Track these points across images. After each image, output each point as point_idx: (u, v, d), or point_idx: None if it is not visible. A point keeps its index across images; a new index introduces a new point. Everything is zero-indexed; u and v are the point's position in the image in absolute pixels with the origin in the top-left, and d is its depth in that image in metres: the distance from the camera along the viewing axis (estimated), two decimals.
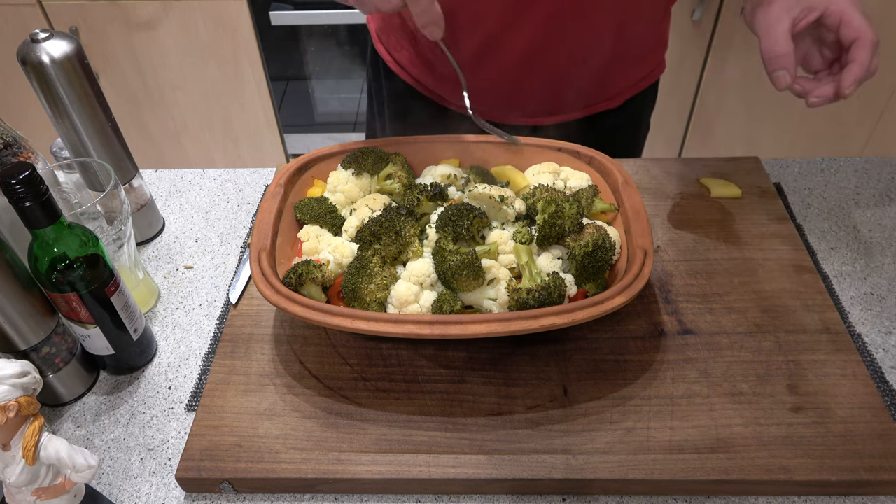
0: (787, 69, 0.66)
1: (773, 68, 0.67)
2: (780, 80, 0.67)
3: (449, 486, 0.59)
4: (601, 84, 0.91)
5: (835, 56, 0.69)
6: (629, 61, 0.91)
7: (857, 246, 0.80)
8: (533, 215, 0.71)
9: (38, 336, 0.62)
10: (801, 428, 0.61)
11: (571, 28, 0.81)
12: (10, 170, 0.52)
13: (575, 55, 0.84)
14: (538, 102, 0.91)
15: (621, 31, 0.83)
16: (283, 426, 0.62)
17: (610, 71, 0.89)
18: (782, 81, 0.67)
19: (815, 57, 0.70)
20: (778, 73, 0.67)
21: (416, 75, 0.94)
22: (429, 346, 0.69)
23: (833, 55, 0.69)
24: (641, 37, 0.89)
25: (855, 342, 0.69)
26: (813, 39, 0.70)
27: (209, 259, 0.83)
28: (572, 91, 0.90)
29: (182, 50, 1.85)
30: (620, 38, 0.84)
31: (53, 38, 0.68)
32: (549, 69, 0.86)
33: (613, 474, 0.58)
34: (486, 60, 0.85)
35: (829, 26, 0.66)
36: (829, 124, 1.91)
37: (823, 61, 0.70)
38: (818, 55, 0.70)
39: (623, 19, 0.82)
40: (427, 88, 0.94)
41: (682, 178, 0.88)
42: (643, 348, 0.68)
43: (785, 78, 0.67)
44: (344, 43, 1.96)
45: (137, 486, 0.61)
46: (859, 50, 0.64)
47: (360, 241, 0.68)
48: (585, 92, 0.91)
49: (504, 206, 0.69)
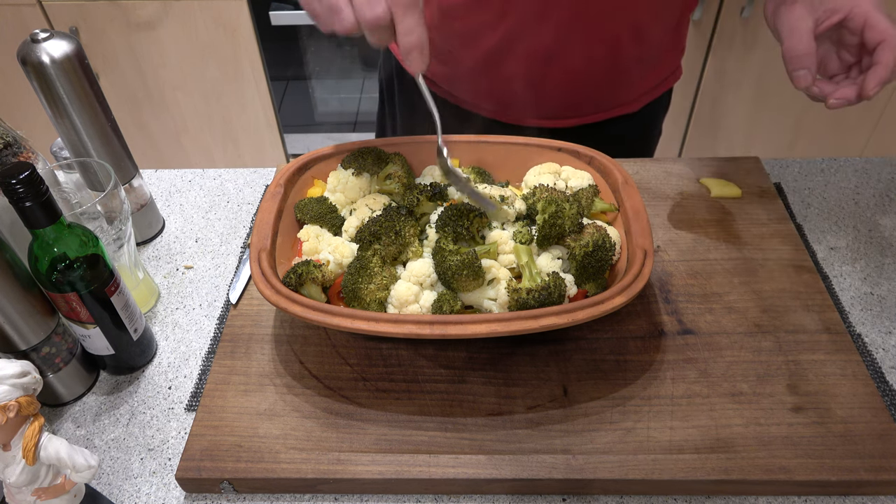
0: (809, 69, 0.66)
1: (795, 67, 0.67)
2: (802, 80, 0.67)
3: (449, 486, 0.59)
4: (617, 88, 0.91)
5: (854, 59, 0.69)
6: (646, 66, 0.91)
7: (857, 246, 0.80)
8: (533, 215, 0.72)
9: (38, 336, 0.62)
10: (801, 428, 0.61)
11: (589, 31, 0.81)
12: (10, 170, 0.52)
13: (592, 59, 0.84)
14: (554, 105, 0.91)
15: (638, 35, 0.83)
16: (283, 426, 0.62)
17: (626, 75, 0.89)
18: (803, 81, 0.67)
19: (833, 60, 0.70)
20: (799, 72, 0.66)
21: (431, 75, 0.94)
22: (429, 346, 0.69)
23: (853, 58, 0.69)
24: (658, 42, 0.89)
25: (855, 342, 0.69)
26: (831, 42, 0.69)
27: (209, 259, 0.83)
28: (588, 95, 0.90)
29: (182, 50, 1.85)
30: (637, 42, 0.84)
31: (53, 38, 0.68)
32: (566, 71, 0.86)
33: (613, 474, 0.58)
34: (503, 61, 0.85)
35: (853, 29, 0.66)
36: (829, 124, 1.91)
37: (841, 65, 0.70)
38: (836, 58, 0.70)
39: (640, 24, 0.82)
40: (442, 89, 0.94)
41: (682, 178, 0.88)
42: (643, 348, 0.68)
43: (806, 77, 0.66)
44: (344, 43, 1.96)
45: (137, 486, 0.61)
46: (885, 52, 0.64)
47: (360, 241, 0.68)
48: (601, 96, 0.91)
49: (504, 205, 0.69)
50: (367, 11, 0.56)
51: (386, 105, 1.08)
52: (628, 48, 0.84)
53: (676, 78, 0.98)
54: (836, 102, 0.67)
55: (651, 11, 0.83)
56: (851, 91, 0.66)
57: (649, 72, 0.93)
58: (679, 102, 1.88)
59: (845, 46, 0.68)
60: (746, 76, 1.81)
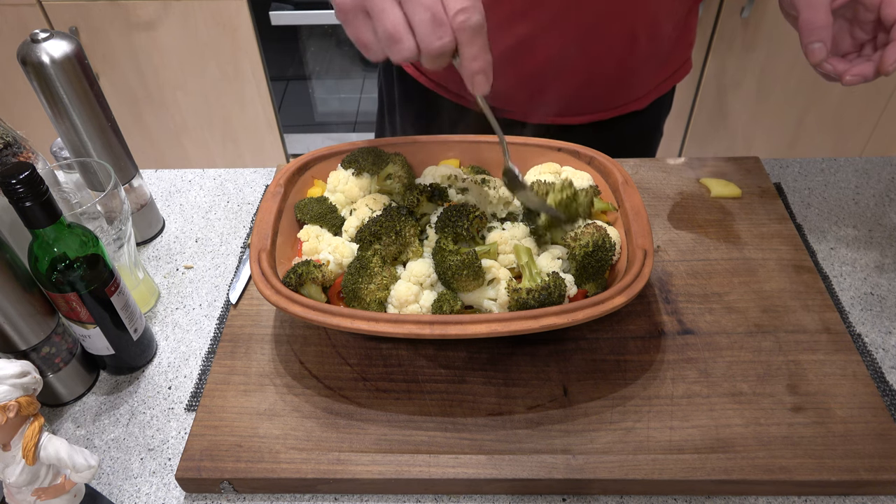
0: (824, 42, 0.65)
1: (811, 40, 0.66)
2: (818, 53, 0.66)
3: (449, 486, 0.59)
4: (629, 84, 0.91)
5: (868, 37, 0.68)
6: (657, 61, 0.91)
7: (857, 246, 0.80)
8: (532, 215, 0.72)
9: (38, 336, 0.62)
10: (801, 428, 0.61)
11: (608, 29, 0.81)
12: (10, 170, 0.52)
13: (609, 56, 0.84)
14: (567, 103, 0.91)
15: (653, 29, 0.83)
16: (283, 426, 0.62)
17: (638, 71, 0.89)
18: (819, 54, 0.66)
19: (846, 38, 0.69)
20: (815, 45, 0.66)
21: (434, 76, 0.94)
22: (429, 346, 0.69)
23: (867, 35, 0.68)
24: (668, 35, 0.88)
25: (855, 342, 0.69)
26: (845, 20, 0.69)
27: (209, 259, 0.83)
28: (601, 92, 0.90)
29: (182, 50, 1.85)
30: (651, 37, 0.84)
31: (53, 38, 0.68)
32: (582, 70, 0.85)
33: (613, 474, 0.58)
34: (519, 62, 0.85)
35: (870, 5, 0.65)
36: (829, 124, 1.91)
37: (853, 43, 0.69)
38: (848, 36, 0.69)
39: (656, 17, 0.82)
40: (445, 89, 0.94)
41: (682, 178, 0.88)
42: (643, 348, 0.68)
43: (822, 51, 0.66)
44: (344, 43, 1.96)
45: (137, 486, 0.61)
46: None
47: (360, 241, 0.68)
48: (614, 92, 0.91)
49: (486, 188, 0.69)
50: (434, 41, 0.52)
51: (385, 112, 1.08)
52: (643, 43, 0.84)
53: (686, 71, 0.97)
54: (851, 79, 0.66)
55: (665, 5, 0.82)
56: (868, 67, 0.65)
57: (660, 66, 0.92)
58: (679, 102, 1.88)
59: (860, 23, 0.68)
60: (746, 76, 1.81)
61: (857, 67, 0.66)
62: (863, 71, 0.66)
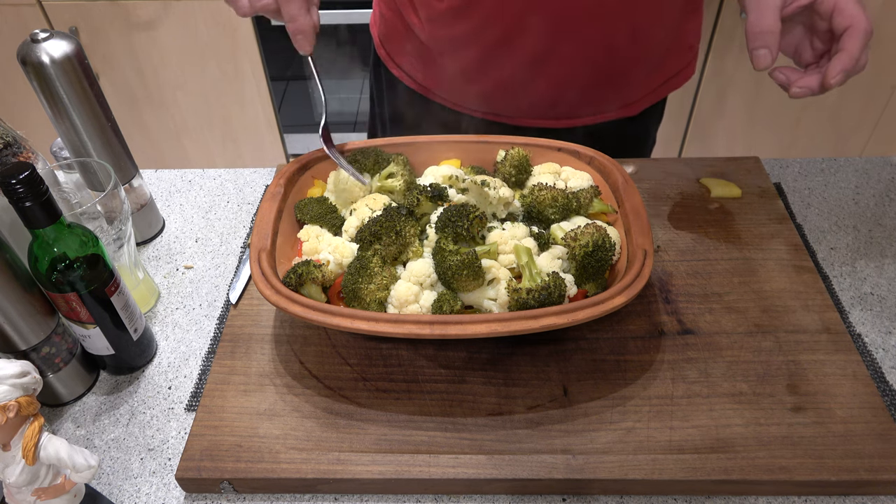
0: (770, 48, 0.62)
1: (755, 45, 0.63)
2: (762, 60, 0.63)
3: (449, 486, 0.59)
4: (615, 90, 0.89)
5: (826, 48, 0.66)
6: (647, 67, 0.88)
7: (857, 246, 0.80)
8: (533, 215, 0.72)
9: (38, 336, 0.62)
10: (801, 428, 0.61)
11: (580, 34, 0.79)
12: (10, 170, 0.52)
13: (585, 61, 0.83)
14: (546, 107, 0.90)
15: (635, 37, 0.81)
16: (283, 426, 0.62)
17: (624, 77, 0.87)
18: (763, 61, 0.63)
19: (807, 49, 0.67)
20: (759, 51, 0.63)
21: (421, 80, 0.94)
22: (429, 346, 0.69)
23: (824, 46, 0.66)
24: (658, 42, 0.86)
25: (855, 342, 0.69)
26: (805, 29, 0.66)
27: (209, 259, 0.83)
28: (582, 96, 0.88)
29: (182, 50, 1.85)
30: (634, 43, 0.82)
31: (53, 38, 0.68)
32: (557, 75, 0.84)
33: (613, 474, 0.58)
34: (491, 67, 0.84)
35: (823, 13, 0.62)
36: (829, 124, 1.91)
37: (814, 53, 0.66)
38: (809, 47, 0.67)
39: (637, 25, 0.80)
40: (432, 92, 0.94)
41: (682, 178, 0.88)
42: (643, 348, 0.68)
43: (766, 58, 0.63)
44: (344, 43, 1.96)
45: (137, 486, 0.61)
46: (850, 38, 0.60)
47: (360, 241, 0.68)
48: (598, 97, 0.89)
49: (486, 189, 0.69)
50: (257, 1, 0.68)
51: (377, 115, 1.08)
52: (625, 50, 0.83)
53: (686, 78, 0.94)
54: (798, 91, 0.64)
55: (648, 13, 0.81)
56: (814, 80, 0.63)
57: (652, 73, 0.91)
58: (679, 102, 1.88)
59: (816, 33, 0.65)
60: (746, 76, 1.81)
61: (804, 79, 0.63)
62: (809, 83, 0.63)
